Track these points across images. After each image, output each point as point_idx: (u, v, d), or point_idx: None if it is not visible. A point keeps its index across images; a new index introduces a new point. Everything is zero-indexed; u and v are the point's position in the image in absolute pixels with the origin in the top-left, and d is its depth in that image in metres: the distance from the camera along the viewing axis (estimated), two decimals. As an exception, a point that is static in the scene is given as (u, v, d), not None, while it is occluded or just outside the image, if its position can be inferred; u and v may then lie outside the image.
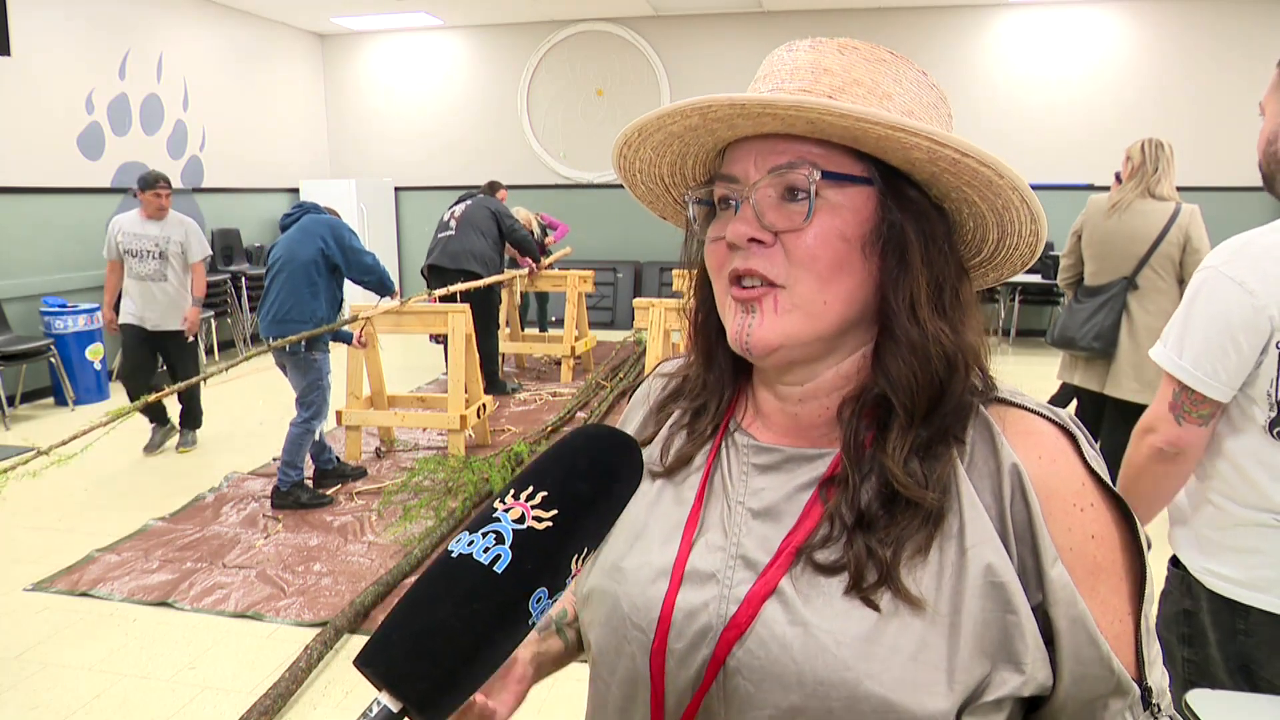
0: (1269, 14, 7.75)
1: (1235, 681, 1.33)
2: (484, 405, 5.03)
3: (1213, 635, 1.36)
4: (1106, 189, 3.61)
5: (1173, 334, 1.36)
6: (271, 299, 4.08)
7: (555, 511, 0.53)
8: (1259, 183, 1.46)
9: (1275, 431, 1.28)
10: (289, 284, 4.04)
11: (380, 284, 4.40)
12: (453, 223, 6.10)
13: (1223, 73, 7.90)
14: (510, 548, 0.52)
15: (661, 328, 4.82)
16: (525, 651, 0.78)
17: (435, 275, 6.00)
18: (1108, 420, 3.57)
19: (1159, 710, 0.63)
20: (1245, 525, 1.32)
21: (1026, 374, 6.80)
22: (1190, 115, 7.97)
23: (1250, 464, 1.31)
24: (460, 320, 4.76)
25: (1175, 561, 1.45)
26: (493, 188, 6.68)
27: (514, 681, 0.74)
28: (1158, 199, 3.37)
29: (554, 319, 8.26)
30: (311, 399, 4.13)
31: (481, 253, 6.03)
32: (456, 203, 6.27)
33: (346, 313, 4.55)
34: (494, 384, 6.19)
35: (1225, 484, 1.35)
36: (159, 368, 5.06)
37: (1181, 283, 3.33)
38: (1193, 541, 1.40)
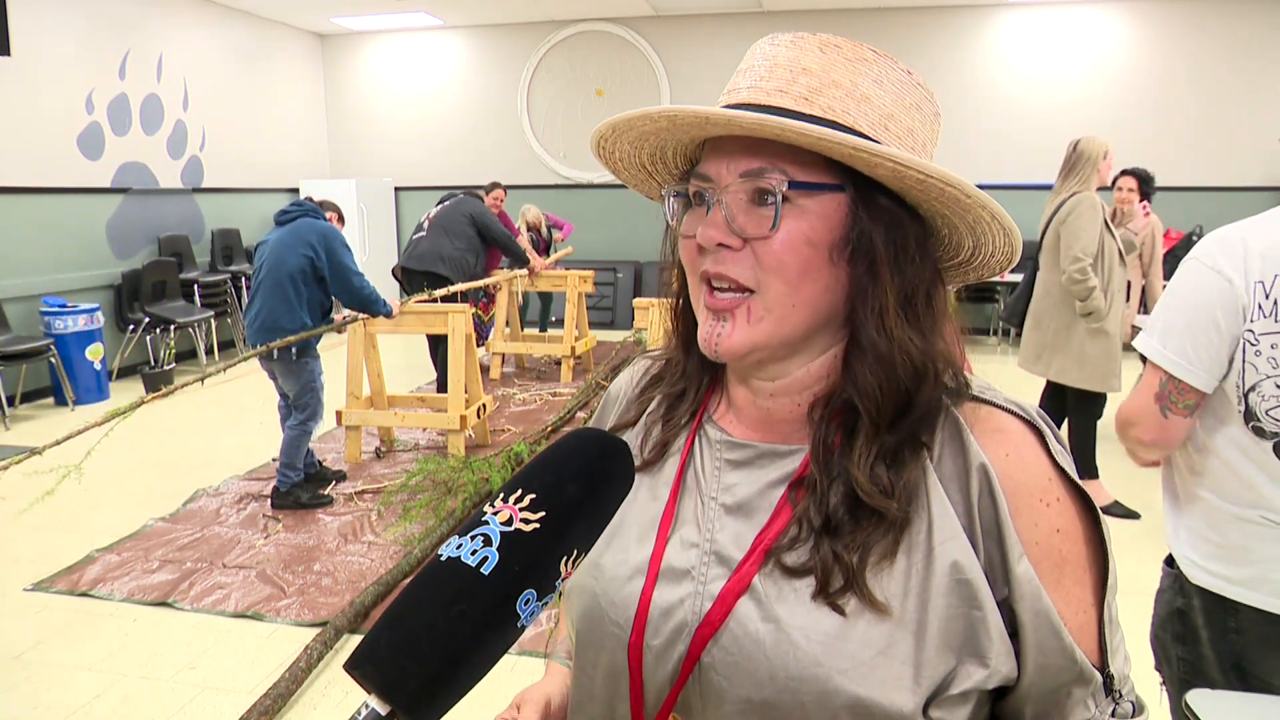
0: (1269, 14, 7.75)
1: (1228, 679, 1.34)
2: (484, 405, 5.04)
3: (1205, 634, 1.37)
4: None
5: (1157, 324, 1.37)
6: (257, 307, 4.01)
7: (543, 514, 0.54)
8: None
9: (1250, 425, 1.29)
10: (275, 292, 3.96)
11: (364, 306, 4.25)
12: (425, 224, 5.97)
13: (1223, 73, 7.90)
14: (497, 550, 0.52)
15: (661, 327, 4.81)
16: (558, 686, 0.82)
17: (406, 276, 5.92)
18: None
19: (1120, 696, 0.65)
20: (1236, 522, 1.33)
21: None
22: (1190, 115, 7.97)
23: (1238, 459, 1.32)
24: (460, 320, 4.76)
25: (1170, 561, 1.46)
26: (492, 188, 6.64)
27: None
28: (1056, 192, 3.82)
29: (554, 319, 8.27)
30: (305, 401, 4.12)
31: (450, 255, 5.85)
32: (438, 203, 6.16)
33: (347, 314, 4.55)
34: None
35: (1215, 480, 1.35)
36: None
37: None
38: (1186, 538, 1.41)
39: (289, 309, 3.97)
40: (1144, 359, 1.39)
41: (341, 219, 4.54)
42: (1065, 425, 4.02)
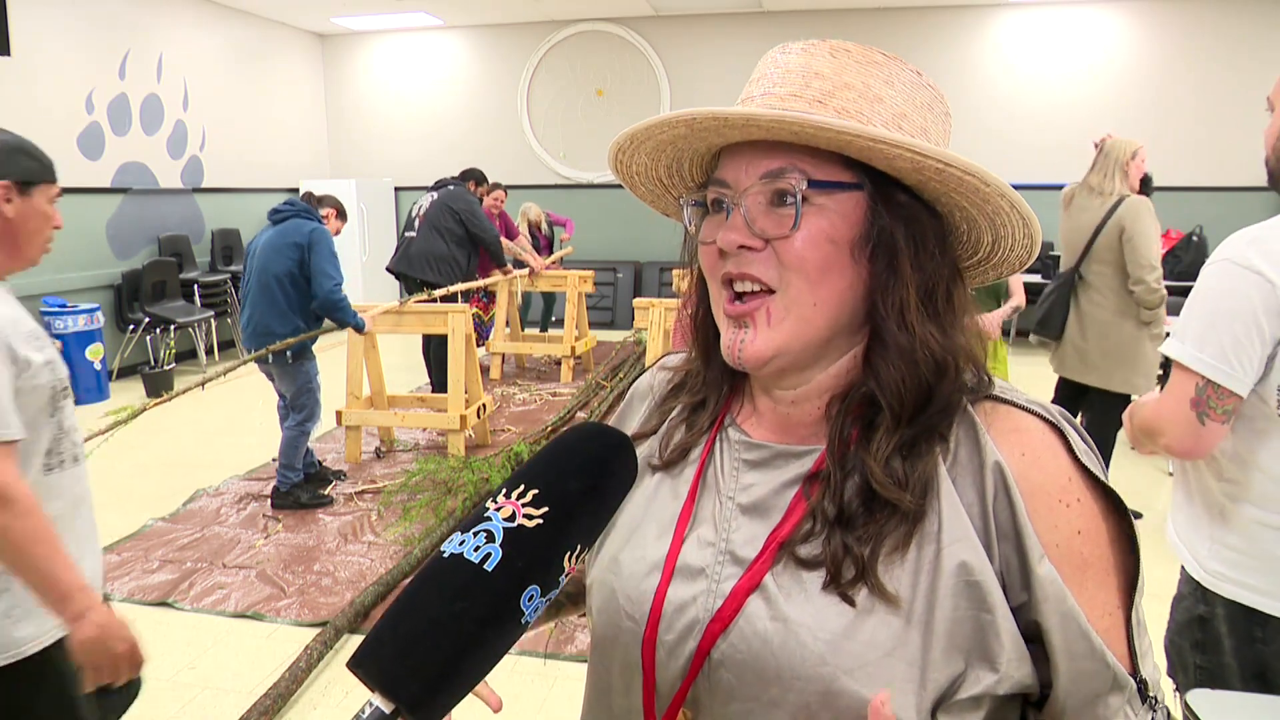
0: (1269, 14, 7.74)
1: (1250, 689, 1.32)
2: (484, 405, 5.04)
3: (1228, 642, 1.35)
4: (1072, 186, 3.76)
5: (1190, 329, 1.33)
6: (248, 312, 3.99)
7: (546, 509, 0.53)
8: (1259, 183, 1.46)
9: None
10: (265, 297, 3.93)
11: (331, 313, 4.03)
12: (417, 221, 5.81)
13: (1223, 72, 7.89)
14: (500, 546, 0.51)
15: (661, 328, 4.83)
16: None
17: (401, 279, 5.83)
18: (1087, 402, 3.80)
19: (1156, 703, 0.63)
20: (1270, 529, 1.30)
21: (1027, 374, 6.79)
22: (1190, 115, 7.96)
23: (1275, 465, 1.29)
24: (460, 320, 4.76)
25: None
26: (493, 188, 6.61)
27: None
28: (1098, 193, 3.55)
29: (554, 319, 8.27)
30: (303, 402, 4.11)
31: (441, 256, 5.71)
32: (430, 189, 5.98)
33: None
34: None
35: (1253, 491, 1.32)
36: None
37: (1126, 274, 3.50)
38: (1210, 550, 1.38)
39: (279, 313, 3.94)
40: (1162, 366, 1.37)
41: (341, 214, 4.41)
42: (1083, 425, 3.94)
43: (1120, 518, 0.63)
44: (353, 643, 2.92)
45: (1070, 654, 0.60)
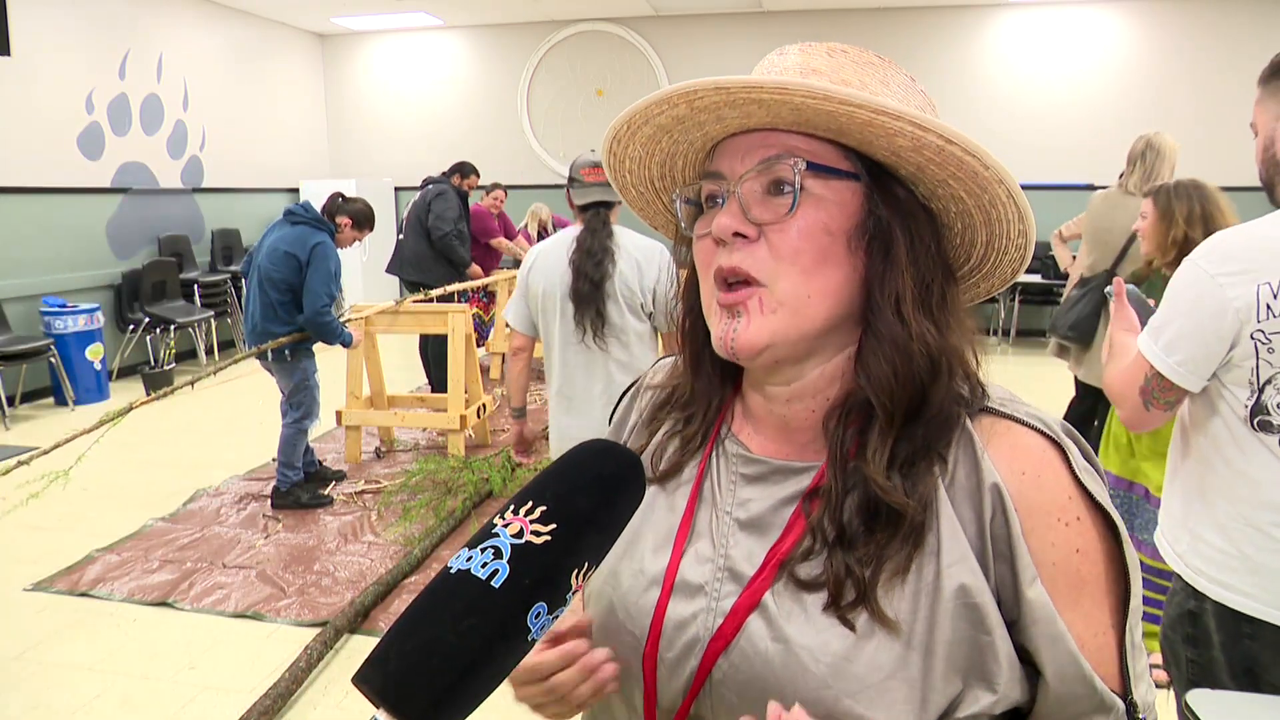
0: (1269, 14, 7.74)
1: (1239, 684, 1.33)
2: (484, 405, 5.03)
3: (1217, 637, 1.36)
4: (1106, 189, 3.70)
5: (1155, 322, 1.41)
6: (249, 310, 4.00)
7: (554, 526, 0.53)
8: (1259, 183, 1.49)
9: (1256, 421, 1.29)
10: (263, 299, 3.93)
11: (319, 332, 3.96)
12: (404, 224, 5.90)
13: (1223, 73, 7.89)
14: (508, 563, 0.51)
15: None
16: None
17: (401, 279, 5.94)
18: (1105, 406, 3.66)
19: None
20: (1250, 531, 1.31)
21: (1027, 374, 6.80)
22: (1190, 115, 7.95)
23: (1245, 462, 1.31)
24: (460, 320, 4.75)
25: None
26: (491, 188, 6.63)
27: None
28: (1134, 194, 3.44)
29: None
30: (299, 399, 4.11)
31: (423, 256, 5.76)
32: (420, 187, 6.01)
33: (348, 312, 4.54)
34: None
35: (1233, 486, 1.34)
36: None
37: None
38: (1191, 544, 1.39)
39: (275, 316, 3.94)
40: None
41: (361, 224, 4.20)
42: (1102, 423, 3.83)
43: (1116, 538, 0.62)
44: (353, 643, 2.92)
45: (1061, 678, 0.59)
